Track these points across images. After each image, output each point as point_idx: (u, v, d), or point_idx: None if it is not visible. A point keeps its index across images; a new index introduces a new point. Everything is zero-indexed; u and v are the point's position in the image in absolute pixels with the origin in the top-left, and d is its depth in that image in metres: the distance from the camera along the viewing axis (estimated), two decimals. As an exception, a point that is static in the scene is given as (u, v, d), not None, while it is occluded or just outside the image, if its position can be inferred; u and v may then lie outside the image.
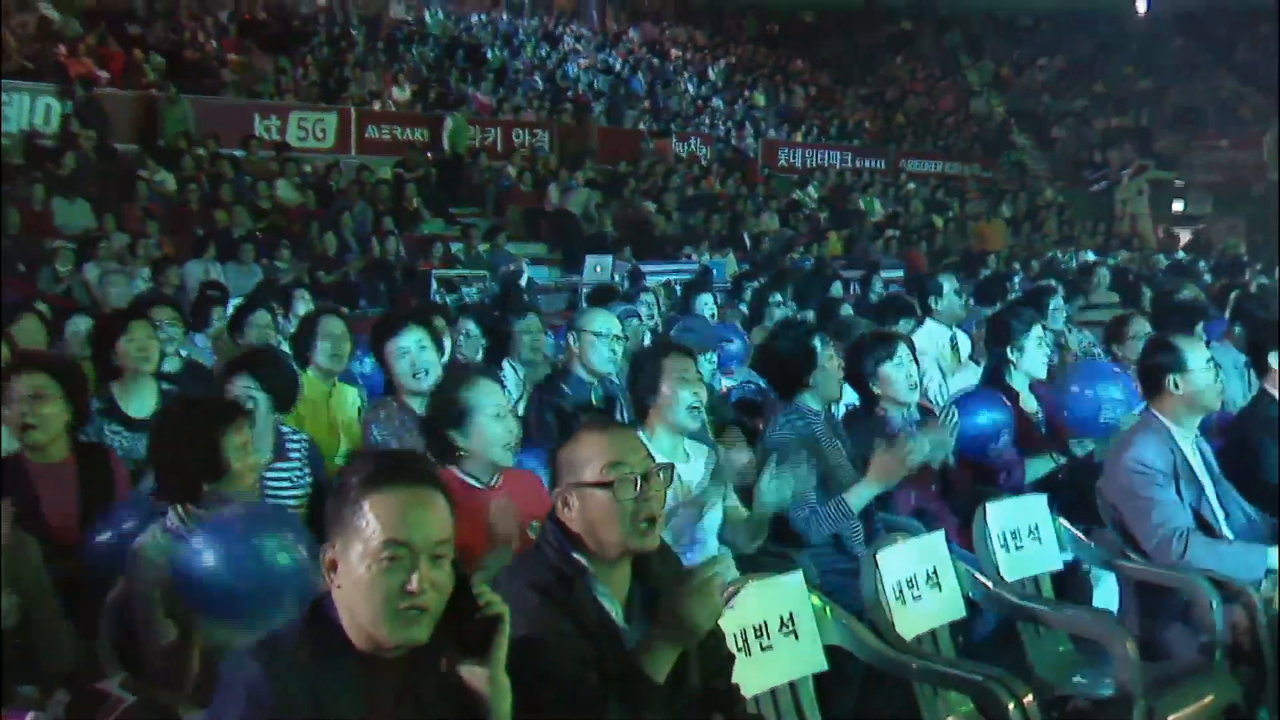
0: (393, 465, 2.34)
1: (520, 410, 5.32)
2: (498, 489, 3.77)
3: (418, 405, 4.78)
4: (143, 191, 14.99)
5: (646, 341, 7.26)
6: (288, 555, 2.93)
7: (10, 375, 4.03)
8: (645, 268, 14.78)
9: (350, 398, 5.63)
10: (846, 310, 8.34)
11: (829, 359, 4.63)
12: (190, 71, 18.74)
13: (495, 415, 3.76)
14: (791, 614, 3.45)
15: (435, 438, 3.79)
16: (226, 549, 2.88)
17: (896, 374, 4.83)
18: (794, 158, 25.27)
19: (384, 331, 4.98)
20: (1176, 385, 4.42)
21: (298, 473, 4.46)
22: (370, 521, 2.26)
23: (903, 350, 4.88)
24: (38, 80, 16.64)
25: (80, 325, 6.80)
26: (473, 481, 3.75)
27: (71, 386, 4.10)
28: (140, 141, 16.65)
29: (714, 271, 14.85)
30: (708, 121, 25.50)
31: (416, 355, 4.87)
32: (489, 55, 24.20)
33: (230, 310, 7.90)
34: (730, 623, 3.15)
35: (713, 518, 4.05)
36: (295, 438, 4.57)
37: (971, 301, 9.07)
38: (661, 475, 2.76)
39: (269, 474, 4.31)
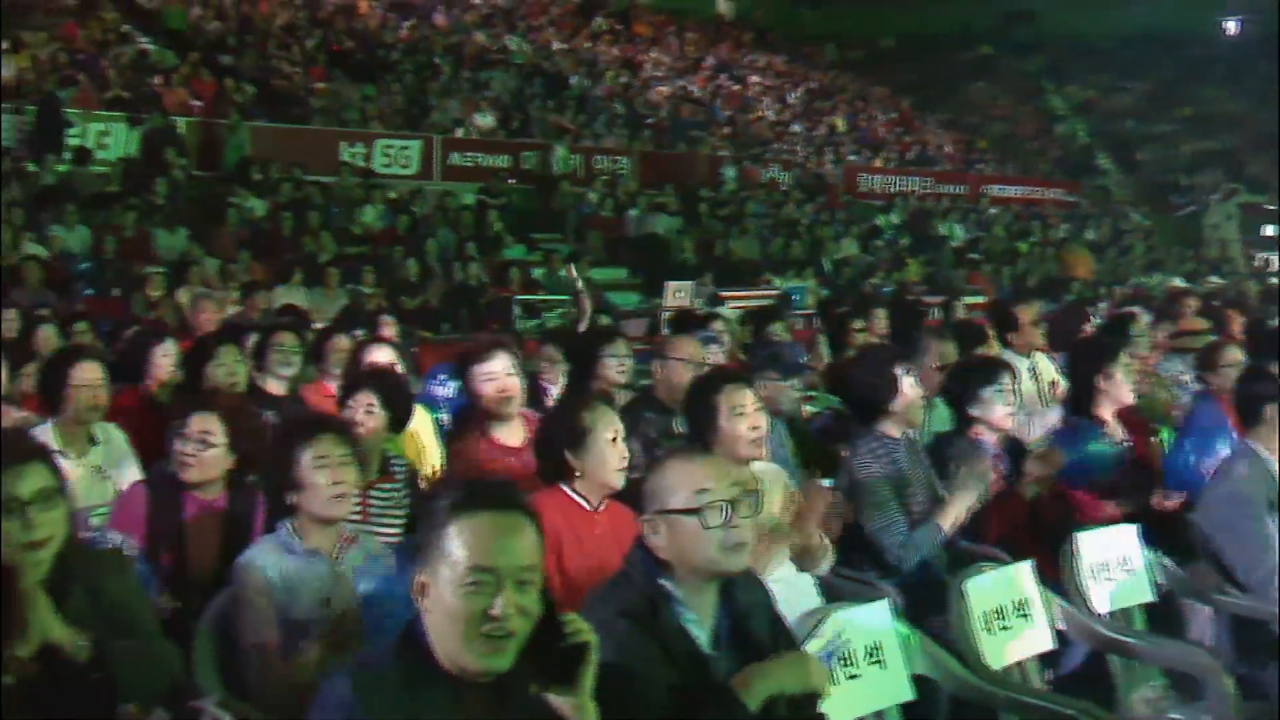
0: (481, 491, 2.37)
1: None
2: (601, 514, 3.80)
3: (501, 430, 4.84)
4: (233, 218, 15.30)
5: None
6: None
7: (190, 412, 4.13)
8: (724, 293, 14.77)
9: (425, 421, 5.70)
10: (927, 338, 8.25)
11: (910, 386, 4.60)
12: (279, 100, 19.16)
13: (612, 439, 3.80)
14: (879, 643, 3.41)
15: (549, 458, 3.84)
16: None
17: (996, 399, 4.83)
18: (874, 183, 25.15)
19: (472, 356, 5.03)
20: (1275, 415, 4.32)
21: (400, 494, 4.52)
22: (457, 546, 2.28)
23: (1005, 377, 4.90)
24: (135, 110, 17.08)
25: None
26: (582, 502, 3.79)
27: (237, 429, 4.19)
28: (236, 170, 17.00)
29: (794, 297, 14.80)
30: (787, 147, 25.47)
31: (504, 380, 4.91)
32: (570, 82, 24.42)
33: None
34: (815, 652, 3.13)
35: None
36: (398, 461, 4.64)
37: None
38: (749, 501, 2.77)
39: (374, 494, 4.38)
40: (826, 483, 4.64)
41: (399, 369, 5.67)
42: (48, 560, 2.77)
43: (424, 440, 5.59)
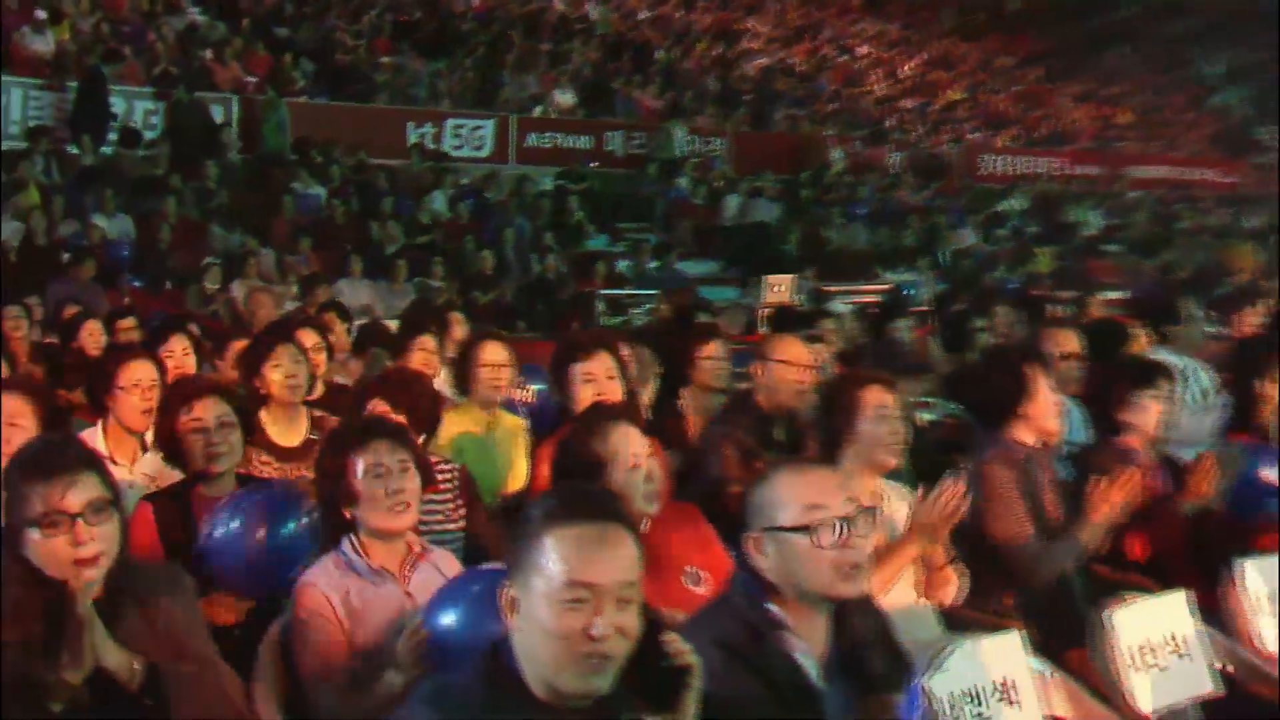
0: (578, 500, 2.39)
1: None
2: (647, 533, 3.76)
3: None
4: (290, 206, 15.56)
5: (833, 371, 7.18)
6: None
7: (195, 399, 4.24)
8: (830, 288, 14.70)
9: (513, 427, 5.74)
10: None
11: (1047, 389, 4.55)
12: (341, 76, 19.43)
13: (634, 467, 3.72)
14: (1010, 680, 3.35)
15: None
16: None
17: (1152, 406, 4.80)
18: (997, 164, 24.85)
19: (569, 356, 5.05)
20: None
21: (450, 505, 4.55)
22: (552, 559, 2.30)
23: (1164, 383, 4.86)
24: (185, 87, 17.40)
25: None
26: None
27: (242, 416, 4.31)
28: (294, 152, 17.30)
29: (906, 292, 14.67)
30: (900, 125, 25.28)
31: (604, 384, 4.93)
32: (658, 54, 24.47)
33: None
34: (939, 687, 3.09)
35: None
36: (446, 467, 4.66)
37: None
38: (865, 519, 2.77)
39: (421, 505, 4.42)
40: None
41: (509, 370, 5.71)
42: (99, 579, 2.83)
43: (509, 447, 5.64)
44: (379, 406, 4.50)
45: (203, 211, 14.97)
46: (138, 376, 4.94)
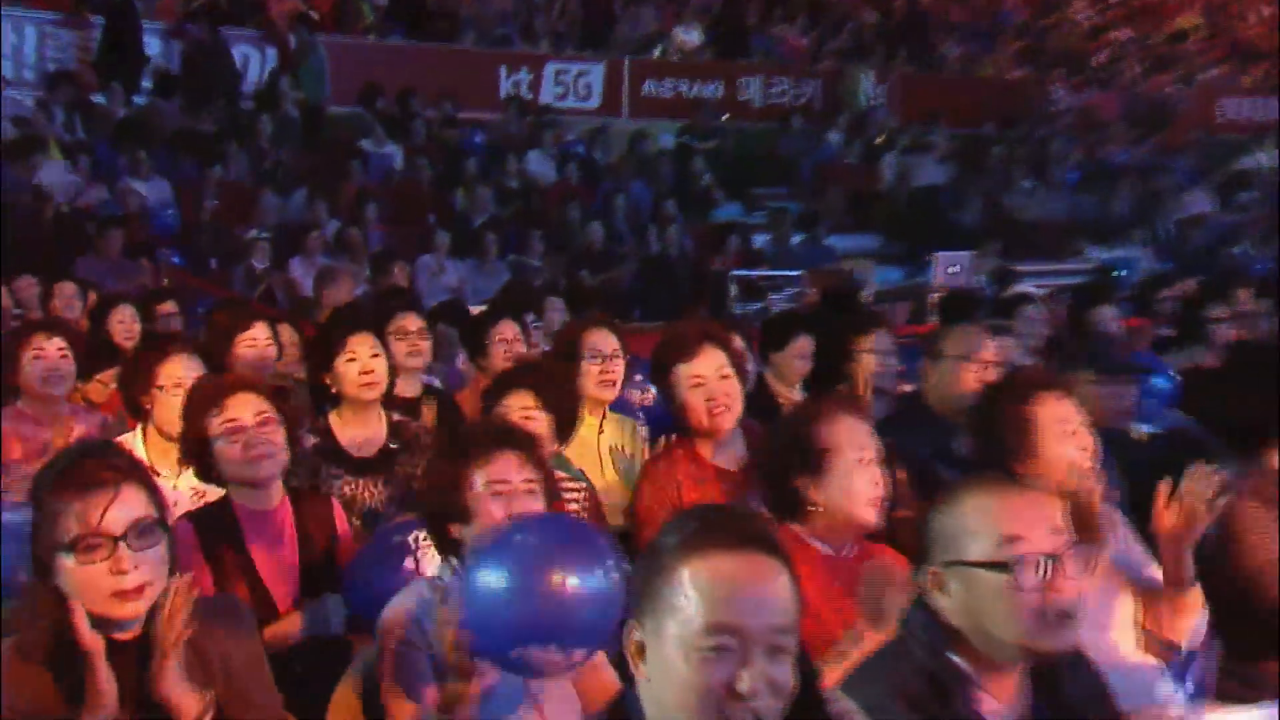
0: (721, 525, 2.39)
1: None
2: (852, 559, 3.81)
3: (712, 448, 4.90)
4: (358, 169, 15.75)
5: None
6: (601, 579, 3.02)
7: (226, 396, 4.32)
8: (1019, 267, 14.52)
9: (628, 433, 5.79)
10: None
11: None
12: (419, 12, 19.60)
13: (861, 461, 3.81)
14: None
15: (777, 487, 3.87)
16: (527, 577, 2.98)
17: None
18: (1240, 109, 24.29)
19: (673, 352, 5.07)
20: None
21: None
22: (690, 598, 2.30)
23: None
24: (236, 25, 17.74)
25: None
26: (821, 547, 3.80)
27: (287, 415, 4.39)
28: (363, 105, 17.47)
29: (1118, 272, 14.44)
30: (1110, 62, 24.86)
31: (714, 385, 4.93)
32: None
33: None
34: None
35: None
36: (573, 486, 4.75)
37: None
38: (1079, 554, 2.75)
39: None
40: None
41: (619, 363, 5.78)
42: (144, 612, 2.90)
43: (623, 457, 5.68)
44: (522, 401, 4.59)
45: (255, 175, 15.22)
46: (180, 373, 5.05)
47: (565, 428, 4.78)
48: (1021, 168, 19.66)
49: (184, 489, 4.78)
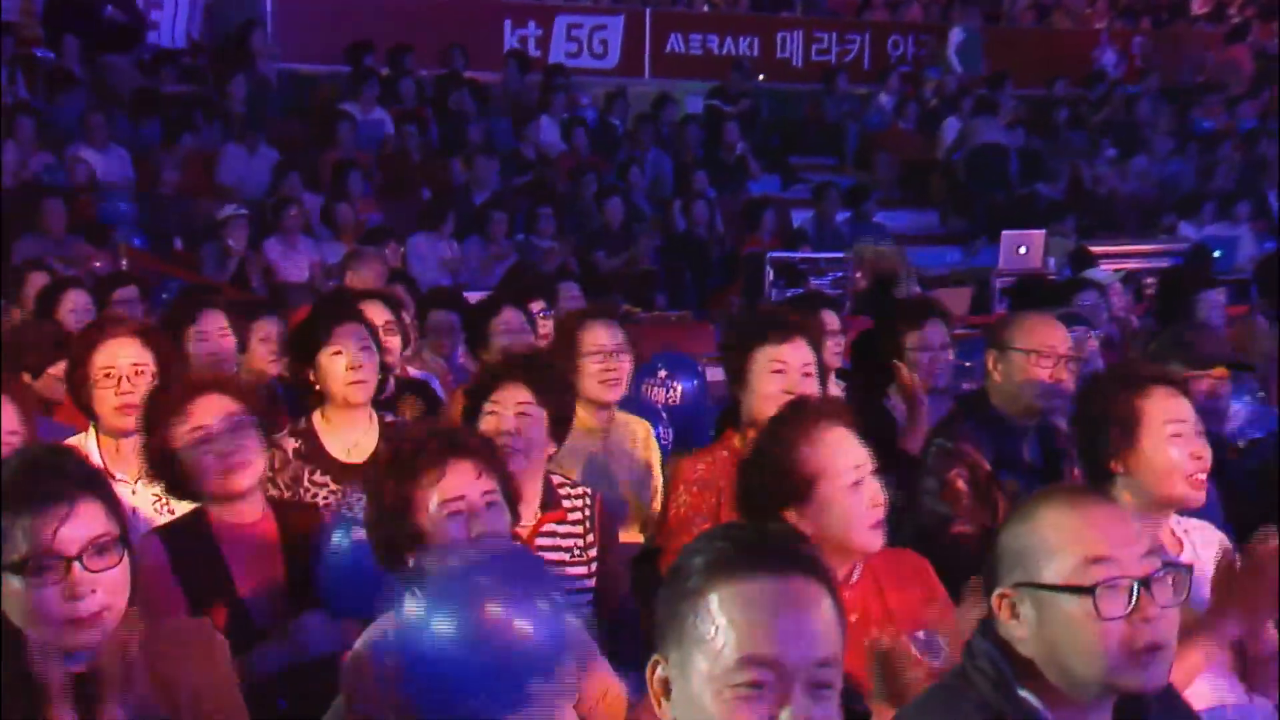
0: (755, 543, 2.39)
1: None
2: (855, 584, 3.85)
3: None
4: (344, 135, 15.74)
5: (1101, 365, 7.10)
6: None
7: (189, 401, 4.32)
8: (1097, 247, 14.48)
9: (640, 436, 5.83)
10: None
11: None
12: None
13: (852, 483, 3.83)
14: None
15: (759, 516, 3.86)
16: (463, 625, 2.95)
17: None
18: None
19: (756, 336, 5.10)
20: None
21: (578, 540, 4.64)
22: (720, 627, 2.30)
23: None
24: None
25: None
26: None
27: (263, 418, 4.40)
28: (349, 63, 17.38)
29: (1217, 253, 14.41)
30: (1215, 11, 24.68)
31: (796, 378, 4.97)
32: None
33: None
34: None
35: None
36: (575, 492, 4.74)
37: None
38: (1174, 578, 2.72)
39: (540, 540, 4.52)
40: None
41: (625, 358, 5.81)
42: (101, 639, 2.90)
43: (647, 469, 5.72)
44: (517, 395, 4.61)
45: (226, 142, 15.24)
46: (116, 361, 5.05)
47: (562, 425, 4.79)
48: (1102, 133, 19.52)
49: (145, 496, 4.80)
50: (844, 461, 3.85)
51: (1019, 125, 19.18)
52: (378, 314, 6.39)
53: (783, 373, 4.97)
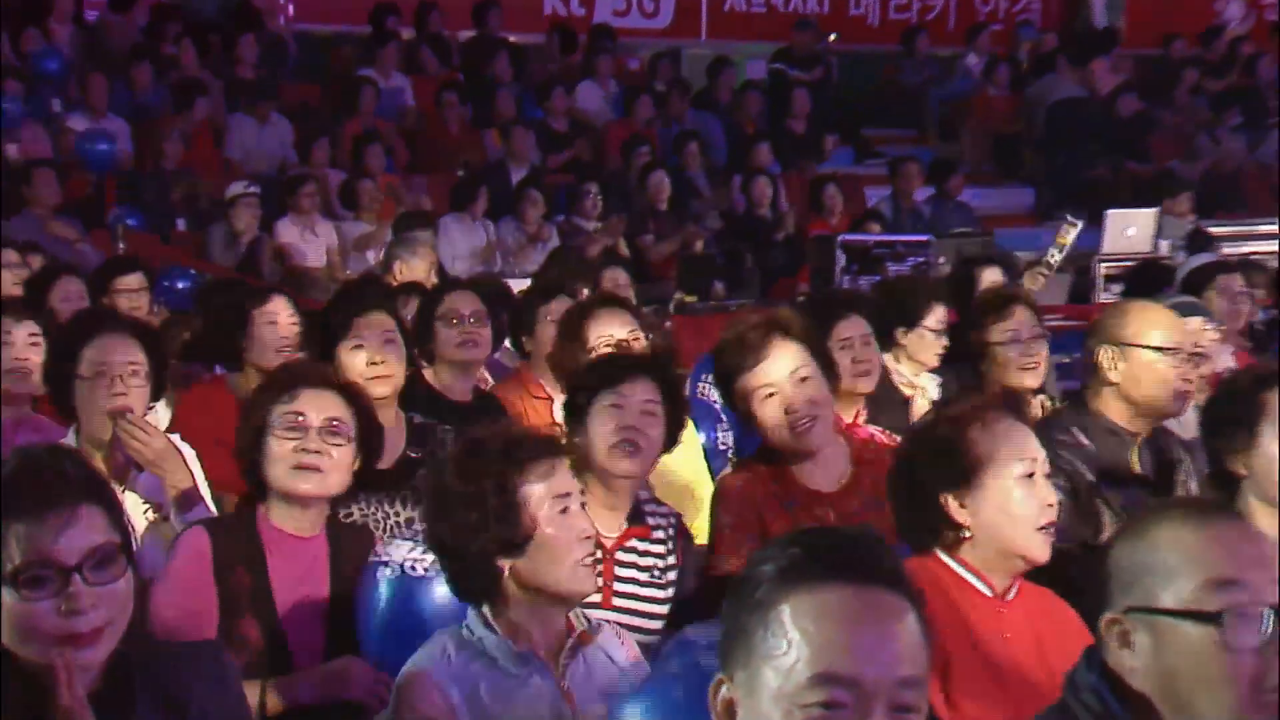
0: (832, 550, 2.39)
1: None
2: (1010, 604, 3.81)
3: (806, 464, 4.93)
4: (365, 103, 15.74)
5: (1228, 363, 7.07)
6: None
7: (288, 388, 4.41)
8: (1219, 229, 14.39)
9: (689, 442, 5.79)
10: None
11: None
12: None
13: (1024, 474, 3.80)
14: None
15: (918, 505, 3.89)
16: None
17: None
18: None
19: (731, 357, 5.03)
20: None
21: (659, 560, 4.68)
22: (792, 642, 2.30)
23: None
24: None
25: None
26: (974, 583, 3.80)
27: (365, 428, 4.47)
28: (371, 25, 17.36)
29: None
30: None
31: (792, 392, 4.90)
32: None
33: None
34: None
35: None
36: (660, 509, 4.81)
37: None
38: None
39: (622, 554, 4.56)
40: None
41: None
42: (101, 659, 2.92)
43: (687, 474, 5.75)
44: (645, 393, 4.64)
45: (235, 111, 15.30)
46: (104, 356, 5.03)
47: (675, 434, 4.82)
48: (1225, 99, 19.36)
49: (133, 506, 4.83)
50: (1016, 450, 3.82)
51: (1129, 88, 18.99)
52: (467, 303, 6.52)
53: (774, 393, 4.88)
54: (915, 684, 2.32)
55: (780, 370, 4.88)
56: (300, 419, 4.29)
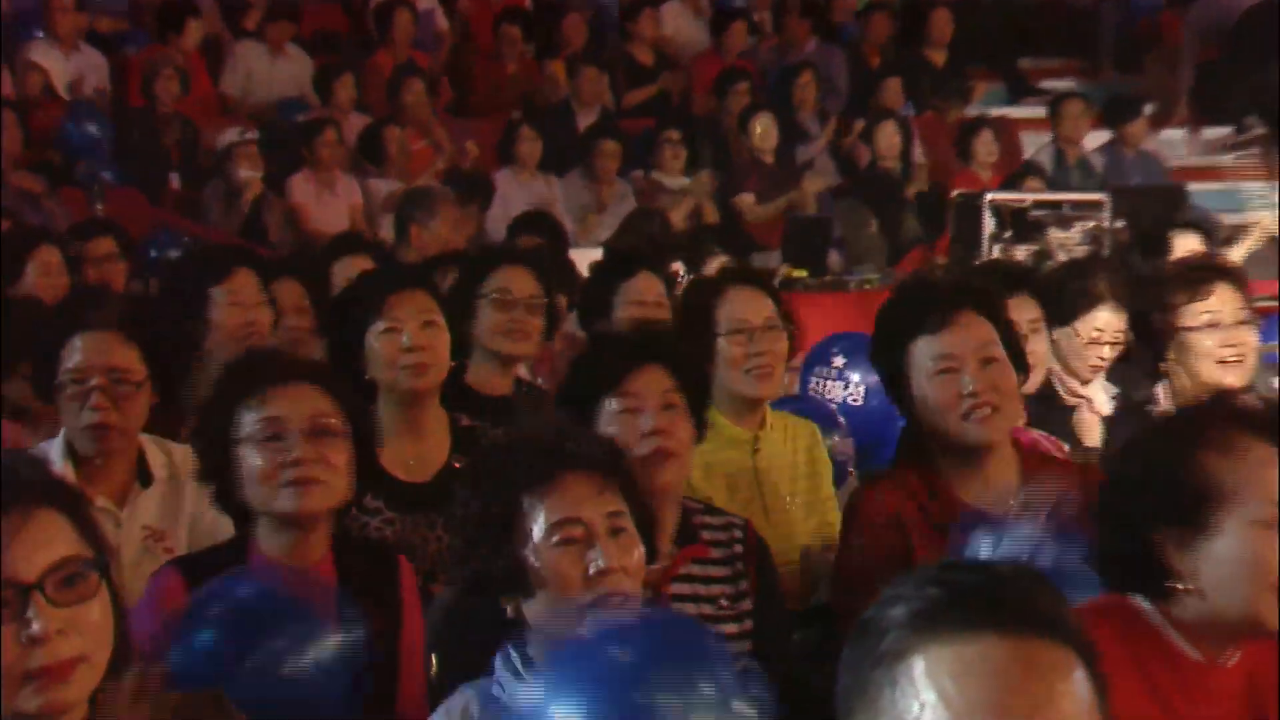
0: (978, 591, 2.38)
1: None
2: (1227, 671, 3.76)
3: (957, 478, 4.90)
4: (398, 32, 15.87)
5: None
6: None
7: (253, 389, 4.41)
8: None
9: (803, 442, 5.91)
10: None
11: None
12: None
13: (1265, 520, 3.62)
14: None
15: (1125, 545, 3.78)
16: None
17: None
18: None
19: (907, 319, 5.04)
20: None
21: (726, 586, 4.70)
22: (926, 704, 2.30)
23: None
24: None
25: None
26: (1184, 646, 3.75)
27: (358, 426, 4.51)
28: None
29: None
30: None
31: (975, 372, 4.89)
32: None
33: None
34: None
35: None
36: (716, 521, 4.81)
37: None
38: None
39: (678, 586, 4.59)
40: None
41: (779, 339, 5.86)
42: (77, 702, 2.97)
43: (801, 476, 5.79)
44: (661, 383, 4.65)
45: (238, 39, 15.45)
46: (83, 361, 5.08)
47: (702, 428, 4.82)
48: None
49: (131, 527, 4.88)
50: (1266, 490, 3.66)
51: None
52: (523, 284, 6.49)
53: (953, 369, 4.82)
54: None
55: (963, 342, 4.88)
56: (278, 425, 4.30)
